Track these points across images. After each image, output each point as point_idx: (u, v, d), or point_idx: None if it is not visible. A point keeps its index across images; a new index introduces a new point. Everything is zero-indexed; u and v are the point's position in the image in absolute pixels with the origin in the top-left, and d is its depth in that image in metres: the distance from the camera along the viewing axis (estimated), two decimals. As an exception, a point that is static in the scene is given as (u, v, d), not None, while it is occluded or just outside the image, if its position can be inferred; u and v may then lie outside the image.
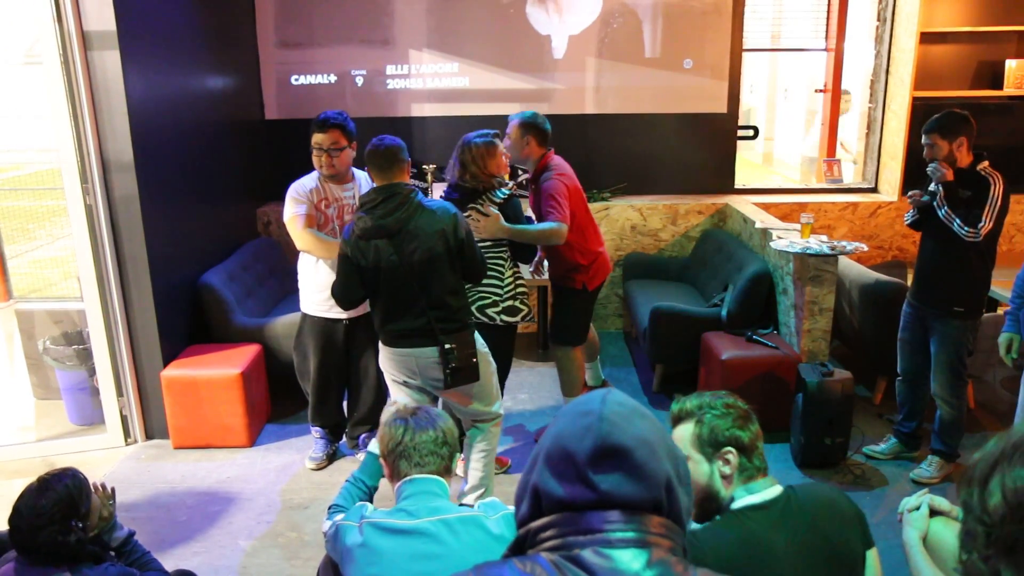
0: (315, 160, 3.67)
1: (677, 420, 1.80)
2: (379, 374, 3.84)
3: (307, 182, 3.77)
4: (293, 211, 3.70)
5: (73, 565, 2.06)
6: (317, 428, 4.06)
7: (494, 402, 3.33)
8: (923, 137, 3.58)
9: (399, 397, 3.28)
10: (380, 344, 3.24)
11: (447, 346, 3.07)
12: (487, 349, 3.31)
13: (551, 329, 4.31)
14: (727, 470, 1.73)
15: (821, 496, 1.81)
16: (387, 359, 3.23)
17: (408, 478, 1.93)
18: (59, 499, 2.04)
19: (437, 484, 1.94)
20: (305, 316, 3.90)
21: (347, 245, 3.06)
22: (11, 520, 2.04)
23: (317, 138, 3.62)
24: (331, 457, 4.07)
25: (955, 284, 3.59)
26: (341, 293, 3.18)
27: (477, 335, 3.23)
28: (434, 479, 1.94)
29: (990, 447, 1.02)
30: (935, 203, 3.55)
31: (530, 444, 4.19)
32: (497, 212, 3.52)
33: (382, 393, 3.96)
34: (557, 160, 3.91)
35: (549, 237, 3.70)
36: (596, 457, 1.02)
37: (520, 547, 1.08)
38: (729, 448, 1.73)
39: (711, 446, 1.74)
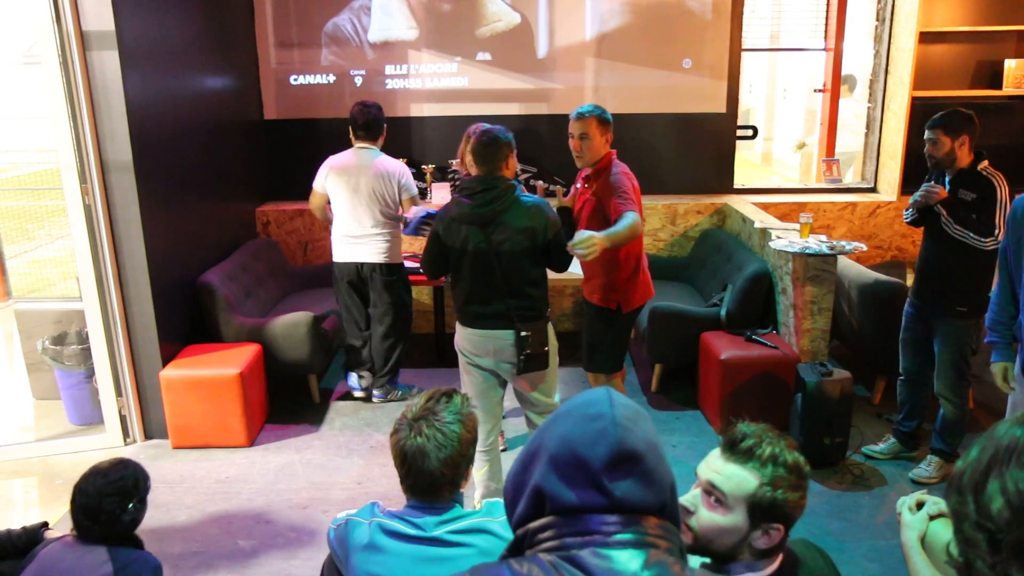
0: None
1: (739, 452, 1.52)
2: None
3: None
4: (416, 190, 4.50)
5: (115, 545, 2.21)
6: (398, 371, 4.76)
7: (553, 394, 3.44)
8: (926, 132, 3.56)
9: (471, 381, 3.37)
10: (458, 324, 3.33)
11: (523, 333, 3.18)
12: (556, 344, 3.41)
13: (585, 354, 3.96)
14: (762, 544, 1.50)
15: None
16: (464, 339, 3.31)
17: (413, 499, 1.86)
18: (127, 476, 2.25)
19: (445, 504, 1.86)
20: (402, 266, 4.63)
21: (440, 224, 3.21)
22: (80, 485, 2.21)
23: None
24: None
25: (958, 284, 3.58)
26: (428, 265, 3.36)
27: (550, 327, 3.35)
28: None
29: (975, 453, 1.01)
30: (943, 224, 3.53)
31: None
32: (600, 236, 3.13)
33: None
34: (620, 163, 3.63)
35: (636, 229, 3.31)
36: (612, 463, 1.00)
37: (518, 548, 1.08)
38: (779, 526, 1.49)
39: (763, 514, 1.48)
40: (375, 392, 4.70)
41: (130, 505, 2.22)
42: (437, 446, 1.76)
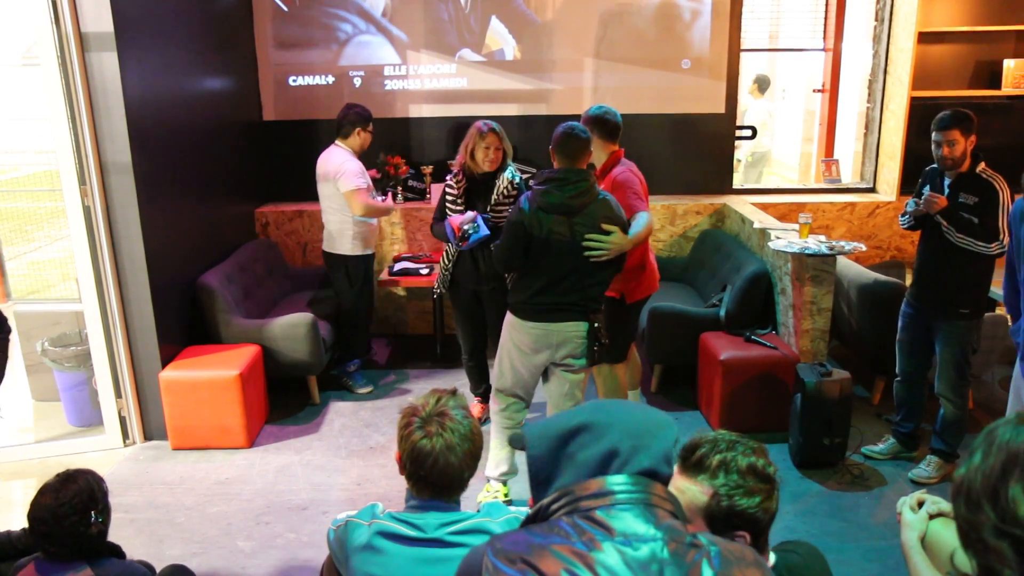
0: (368, 141, 4.70)
1: (690, 465, 1.50)
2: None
3: (356, 162, 4.61)
4: (356, 184, 4.53)
5: (94, 559, 2.11)
6: (359, 360, 4.94)
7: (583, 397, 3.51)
8: (937, 135, 3.45)
9: (522, 364, 3.38)
10: (515, 320, 3.33)
11: (596, 324, 3.26)
12: None
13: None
14: None
15: None
16: (525, 333, 3.30)
17: (421, 498, 1.86)
18: (79, 491, 2.10)
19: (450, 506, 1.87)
20: (358, 257, 4.73)
21: (523, 214, 3.20)
22: (33, 513, 2.09)
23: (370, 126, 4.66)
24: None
25: (959, 286, 3.55)
26: (504, 257, 3.32)
27: None
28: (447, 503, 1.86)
29: (978, 459, 0.99)
30: (944, 232, 3.49)
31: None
32: (627, 239, 3.27)
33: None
34: (627, 161, 3.75)
35: (651, 228, 3.47)
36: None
37: (531, 523, 1.15)
38: (743, 533, 1.45)
39: (724, 524, 1.45)
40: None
41: (92, 518, 2.09)
42: (459, 442, 1.80)
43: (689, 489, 1.47)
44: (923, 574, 1.61)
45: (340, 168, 4.51)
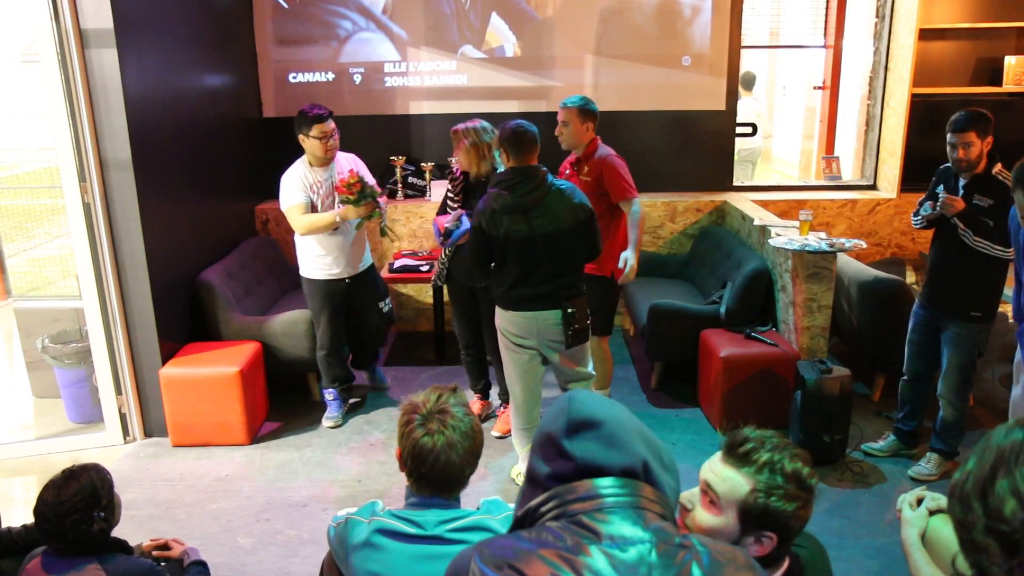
0: (318, 147, 4.07)
1: (736, 456, 1.50)
2: (379, 318, 4.52)
3: (299, 173, 4.18)
4: (287, 202, 4.15)
5: (100, 555, 2.13)
6: (331, 390, 4.43)
7: (589, 363, 3.67)
8: (952, 136, 3.41)
9: (512, 360, 3.58)
10: (499, 309, 3.55)
11: (569, 311, 3.39)
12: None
13: None
14: (754, 551, 1.47)
15: None
16: (508, 322, 3.51)
17: (421, 495, 1.86)
18: (81, 489, 2.10)
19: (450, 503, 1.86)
20: (311, 281, 4.28)
21: (481, 217, 3.38)
22: (37, 509, 2.11)
23: (324, 128, 4.04)
24: (345, 415, 4.50)
25: (971, 288, 3.53)
26: (473, 261, 3.53)
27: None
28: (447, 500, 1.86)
29: (972, 462, 1.00)
30: (960, 234, 3.44)
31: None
32: (632, 257, 3.87)
33: (383, 331, 4.64)
34: (606, 146, 4.06)
35: (644, 220, 3.85)
36: (569, 429, 1.11)
37: (520, 526, 1.14)
38: (772, 535, 1.47)
39: (755, 521, 1.46)
40: None
41: (95, 515, 2.10)
42: (460, 439, 1.80)
43: (733, 477, 1.48)
44: (923, 571, 1.61)
45: (281, 184, 4.17)
